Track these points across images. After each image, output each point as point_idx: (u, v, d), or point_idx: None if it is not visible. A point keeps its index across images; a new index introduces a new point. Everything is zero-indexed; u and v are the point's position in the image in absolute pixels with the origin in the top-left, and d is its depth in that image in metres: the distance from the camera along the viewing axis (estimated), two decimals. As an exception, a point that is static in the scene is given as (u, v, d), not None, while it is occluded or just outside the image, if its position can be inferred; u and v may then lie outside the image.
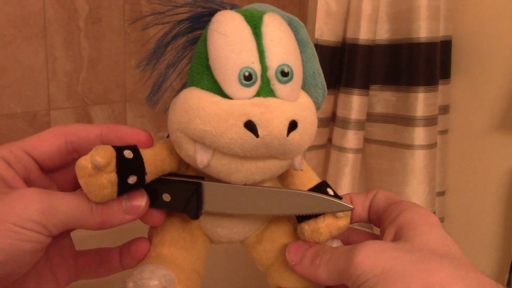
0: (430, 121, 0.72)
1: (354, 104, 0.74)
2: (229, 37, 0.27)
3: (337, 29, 0.74)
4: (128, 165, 0.27)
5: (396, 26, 0.73)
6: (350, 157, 0.76)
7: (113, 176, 0.26)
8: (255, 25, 0.27)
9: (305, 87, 0.30)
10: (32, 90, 0.98)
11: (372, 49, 0.73)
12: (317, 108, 0.31)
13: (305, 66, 0.30)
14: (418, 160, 0.72)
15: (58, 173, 0.31)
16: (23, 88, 0.96)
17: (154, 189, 0.29)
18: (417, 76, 0.71)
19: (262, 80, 0.27)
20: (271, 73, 0.27)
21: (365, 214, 0.32)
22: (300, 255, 0.30)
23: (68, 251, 0.31)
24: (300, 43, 0.30)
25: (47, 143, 0.29)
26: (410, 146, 0.72)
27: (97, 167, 0.25)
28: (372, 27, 0.72)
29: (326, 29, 0.73)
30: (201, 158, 0.27)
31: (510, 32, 0.70)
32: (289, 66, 0.27)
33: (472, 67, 0.75)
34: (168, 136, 0.33)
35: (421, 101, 0.71)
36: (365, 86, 0.74)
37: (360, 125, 0.75)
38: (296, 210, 0.29)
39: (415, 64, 0.71)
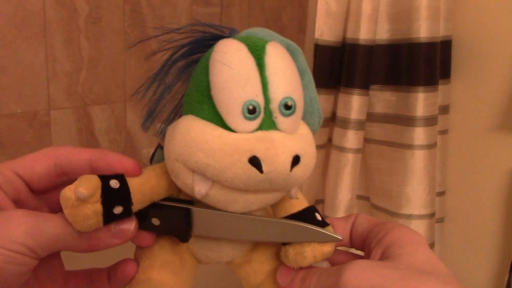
0: (430, 121, 0.72)
1: (354, 104, 0.74)
2: (234, 69, 0.26)
3: (337, 29, 0.74)
4: (114, 196, 0.26)
5: (396, 26, 0.73)
6: (350, 157, 0.76)
7: (98, 207, 0.26)
8: (259, 55, 0.27)
9: (302, 114, 0.30)
10: (32, 90, 0.98)
11: (372, 49, 0.73)
12: (312, 133, 0.31)
13: (303, 93, 0.30)
14: (418, 160, 0.72)
15: (48, 194, 0.31)
16: (23, 88, 0.96)
17: (143, 213, 0.29)
18: (417, 76, 0.71)
19: (265, 112, 0.27)
20: (274, 106, 0.27)
21: (346, 238, 0.32)
22: (290, 276, 0.30)
23: (58, 271, 0.30)
24: (298, 70, 0.30)
25: (37, 164, 0.29)
26: (410, 146, 0.72)
27: (80, 199, 0.25)
28: (372, 27, 0.72)
29: (326, 29, 0.73)
30: (199, 189, 0.27)
31: (510, 32, 0.70)
32: (292, 99, 0.27)
33: (472, 67, 0.75)
34: (152, 156, 0.33)
35: (421, 101, 0.71)
36: (365, 86, 0.74)
37: (360, 125, 0.75)
38: (284, 238, 0.29)
39: (415, 64, 0.71)
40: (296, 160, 0.26)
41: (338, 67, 0.77)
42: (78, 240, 0.27)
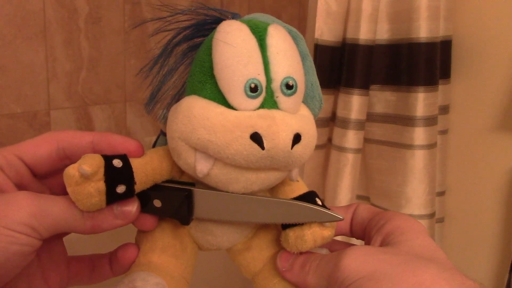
0: (430, 121, 0.72)
1: (354, 104, 0.74)
2: (236, 48, 0.27)
3: (337, 29, 0.74)
4: (117, 174, 0.26)
5: (396, 26, 0.73)
6: (350, 157, 0.76)
7: (101, 185, 0.26)
8: (261, 36, 0.27)
9: (303, 98, 0.30)
10: (32, 90, 0.98)
11: (372, 49, 0.73)
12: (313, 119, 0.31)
13: (304, 78, 0.30)
14: (418, 160, 0.72)
15: (50, 179, 0.31)
16: (23, 88, 0.96)
17: (145, 195, 0.29)
18: (417, 76, 0.71)
19: (266, 91, 0.27)
20: (276, 85, 0.27)
21: (346, 227, 0.32)
22: (290, 261, 0.30)
23: (60, 256, 0.31)
24: (300, 55, 0.30)
25: (39, 148, 0.29)
26: (410, 146, 0.72)
27: (84, 176, 0.25)
28: (372, 27, 0.72)
29: (326, 29, 0.73)
30: (201, 167, 0.27)
31: (510, 32, 0.70)
32: (293, 79, 0.28)
33: (472, 67, 0.75)
34: (155, 143, 0.33)
35: (421, 101, 0.71)
36: (365, 86, 0.74)
37: (360, 125, 0.75)
38: (286, 219, 0.29)
39: (415, 64, 0.71)
40: (297, 138, 0.26)
41: (338, 67, 0.77)
42: (81, 221, 0.27)
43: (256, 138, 0.25)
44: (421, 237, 0.27)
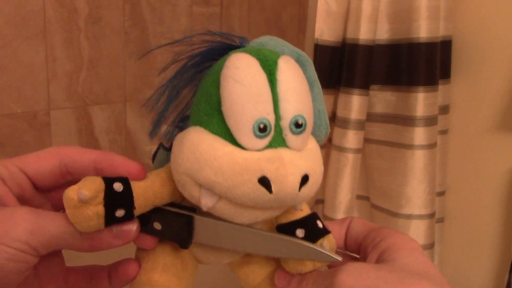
0: (430, 121, 0.72)
1: (354, 104, 0.74)
2: (245, 86, 0.26)
3: (337, 29, 0.74)
4: (117, 199, 0.26)
5: (396, 26, 0.73)
6: (350, 157, 0.76)
7: (100, 209, 0.26)
8: (271, 71, 0.27)
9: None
10: (32, 90, 0.98)
11: (372, 49, 0.73)
12: (318, 144, 0.31)
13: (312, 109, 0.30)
14: (418, 160, 0.72)
15: (52, 192, 0.31)
16: (23, 88, 0.96)
17: (145, 216, 0.29)
18: (417, 76, 0.71)
19: (275, 129, 0.27)
20: (285, 123, 0.27)
21: (341, 241, 0.32)
22: (287, 279, 0.31)
23: (58, 268, 0.30)
24: (308, 82, 0.29)
25: (42, 162, 0.29)
26: (410, 146, 0.72)
27: (82, 200, 0.25)
28: (372, 27, 0.72)
29: (326, 29, 0.73)
30: (206, 202, 0.27)
31: (510, 32, 0.70)
32: (303, 117, 0.27)
33: (472, 67, 0.75)
34: (154, 155, 0.33)
35: (421, 101, 0.71)
36: (365, 86, 0.74)
37: (360, 125, 0.75)
38: (283, 254, 0.29)
39: (415, 64, 0.71)
40: (304, 179, 0.26)
41: (338, 67, 0.77)
42: (80, 240, 0.27)
43: (264, 182, 0.25)
44: (416, 254, 0.27)
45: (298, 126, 0.27)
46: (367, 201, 0.84)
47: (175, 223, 0.29)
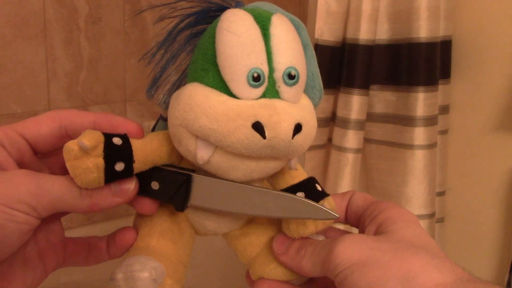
0: (430, 121, 0.72)
1: (354, 104, 0.74)
2: (239, 37, 0.27)
3: (337, 29, 0.74)
4: (116, 151, 0.27)
5: (396, 26, 0.73)
6: (350, 157, 0.76)
7: (100, 161, 0.26)
8: (264, 26, 0.27)
9: (304, 88, 0.30)
10: (32, 90, 0.98)
11: (372, 49, 0.73)
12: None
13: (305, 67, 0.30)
14: (418, 160, 0.72)
15: (50, 157, 0.31)
16: (23, 88, 0.96)
17: (143, 175, 0.29)
18: (417, 76, 0.71)
19: (268, 81, 0.27)
20: (278, 75, 0.27)
21: (342, 214, 0.33)
22: (286, 245, 0.31)
23: (57, 236, 0.31)
24: (302, 45, 0.30)
25: (41, 126, 0.29)
26: (410, 146, 0.72)
27: (83, 150, 0.25)
28: (372, 27, 0.72)
29: (326, 29, 0.73)
30: (202, 154, 0.27)
31: (510, 32, 0.70)
32: (296, 69, 0.28)
33: (472, 67, 0.75)
34: (154, 128, 0.33)
35: (421, 101, 0.71)
36: (365, 86, 0.74)
37: (360, 125, 0.75)
38: (283, 213, 0.29)
39: (415, 64, 0.71)
40: (298, 128, 0.27)
41: (338, 67, 0.77)
42: (80, 199, 0.27)
43: (258, 127, 0.26)
44: (413, 226, 0.28)
45: (291, 77, 0.27)
46: (367, 201, 0.84)
47: (174, 181, 0.29)
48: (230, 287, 0.95)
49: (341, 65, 0.76)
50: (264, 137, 0.26)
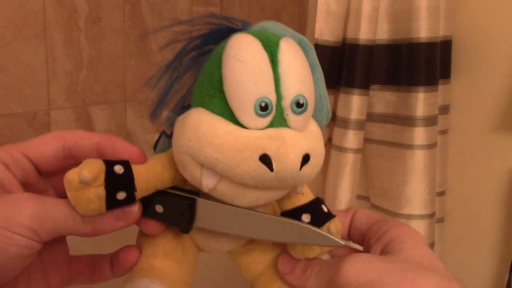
0: (430, 121, 0.72)
1: (354, 104, 0.74)
2: (247, 65, 0.26)
3: (337, 29, 0.74)
4: (118, 181, 0.26)
5: (396, 26, 0.73)
6: (350, 157, 0.76)
7: (101, 191, 0.26)
8: (272, 51, 0.27)
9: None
10: (32, 90, 0.98)
11: (372, 49, 0.73)
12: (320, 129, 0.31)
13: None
14: (418, 160, 0.72)
15: (55, 177, 0.31)
16: (23, 88, 0.96)
17: (147, 199, 0.29)
18: (417, 76, 0.71)
19: (276, 109, 0.27)
20: (286, 103, 0.27)
21: (345, 231, 0.32)
22: (292, 264, 0.30)
23: (62, 255, 0.31)
24: (310, 66, 0.29)
25: (46, 147, 0.29)
26: (410, 146, 0.72)
27: (83, 182, 0.25)
28: (372, 27, 0.72)
29: (326, 29, 0.73)
30: (207, 183, 0.27)
31: (510, 32, 0.70)
32: (304, 97, 0.27)
33: (472, 67, 0.75)
34: (156, 143, 0.33)
35: (421, 101, 0.71)
36: (365, 86, 0.74)
37: (360, 125, 0.75)
38: (287, 239, 0.29)
39: (415, 64, 0.71)
40: (306, 159, 0.26)
41: (338, 67, 0.77)
42: (82, 225, 0.27)
43: (265, 160, 0.25)
44: (420, 246, 0.27)
45: (299, 105, 0.27)
46: (367, 201, 0.84)
47: (177, 205, 0.29)
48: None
49: (341, 65, 0.76)
50: (272, 170, 0.25)
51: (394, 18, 0.73)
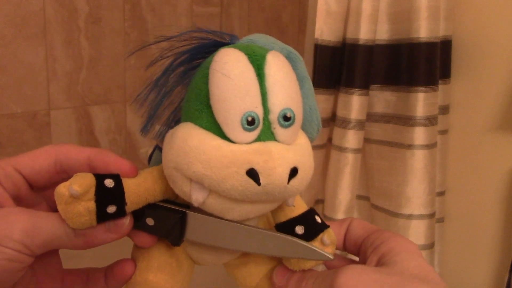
0: (430, 121, 0.72)
1: (354, 104, 0.74)
2: (233, 80, 0.26)
3: (337, 29, 0.74)
4: (108, 195, 0.26)
5: (396, 26, 0.73)
6: (350, 157, 0.76)
7: (91, 205, 0.26)
8: (259, 65, 0.27)
9: (301, 123, 0.30)
10: (32, 90, 0.98)
11: (372, 49, 0.73)
12: (311, 142, 0.31)
13: (302, 102, 0.30)
14: (418, 160, 0.72)
15: (47, 191, 0.31)
16: (23, 88, 0.96)
17: (139, 211, 0.29)
18: (417, 76, 0.71)
19: (263, 123, 0.27)
20: (273, 117, 0.27)
21: (340, 242, 0.32)
22: (286, 277, 0.30)
23: (55, 269, 0.31)
24: (298, 78, 0.29)
25: (37, 161, 0.29)
26: (410, 146, 0.72)
27: (74, 196, 0.25)
28: (372, 27, 0.72)
29: (326, 29, 0.73)
30: (197, 197, 0.27)
31: (510, 32, 0.70)
32: (291, 111, 0.27)
33: (472, 67, 0.75)
34: (150, 157, 0.33)
35: (421, 101, 0.71)
36: (365, 86, 0.74)
37: (360, 125, 0.75)
38: (279, 253, 0.29)
39: (415, 64, 0.71)
40: (293, 172, 0.26)
41: (338, 67, 0.77)
42: (73, 238, 0.27)
43: (252, 174, 0.25)
44: (416, 258, 0.27)
45: (286, 119, 0.27)
46: (367, 201, 0.84)
47: (168, 218, 0.29)
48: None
49: (341, 65, 0.76)
50: (259, 184, 0.25)
51: (394, 18, 0.73)
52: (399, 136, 0.74)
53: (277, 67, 0.27)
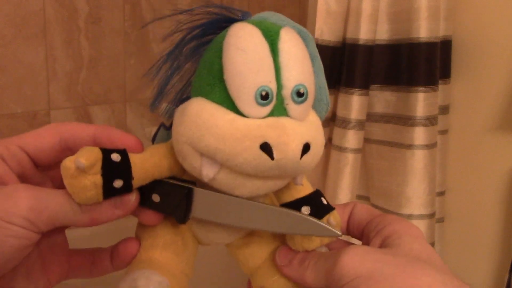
0: (430, 121, 0.72)
1: (354, 104, 0.74)
2: (248, 54, 0.26)
3: (337, 29, 0.74)
4: (114, 169, 0.26)
5: (396, 26, 0.73)
6: (350, 157, 0.76)
7: (98, 179, 0.26)
8: (272, 41, 0.27)
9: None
10: (32, 90, 0.98)
11: (372, 49, 0.73)
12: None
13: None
14: (418, 160, 0.72)
15: (52, 170, 0.31)
16: (23, 88, 0.97)
17: (144, 188, 0.29)
18: (417, 76, 0.71)
19: (277, 98, 0.27)
20: (287, 92, 0.27)
21: (343, 225, 0.32)
22: (289, 257, 0.30)
23: (61, 248, 0.30)
24: (310, 57, 0.29)
25: (42, 140, 0.29)
26: (410, 146, 0.72)
27: (80, 169, 0.25)
28: (372, 27, 0.72)
29: (326, 29, 0.73)
30: (207, 172, 0.26)
31: (510, 32, 0.70)
32: (304, 87, 0.27)
33: (472, 67, 0.75)
34: (155, 135, 0.33)
35: (421, 101, 0.71)
36: (365, 86, 0.74)
37: (360, 125, 0.75)
38: (286, 230, 0.29)
39: (415, 64, 0.71)
40: (306, 148, 0.26)
41: (338, 67, 0.77)
42: (80, 214, 0.27)
43: (266, 148, 0.25)
44: (419, 241, 0.27)
45: (299, 95, 0.27)
46: (367, 201, 0.84)
47: (174, 194, 0.29)
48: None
49: (341, 65, 0.76)
50: (272, 158, 0.25)
51: (394, 18, 0.73)
52: (399, 136, 0.74)
53: (291, 43, 0.27)
